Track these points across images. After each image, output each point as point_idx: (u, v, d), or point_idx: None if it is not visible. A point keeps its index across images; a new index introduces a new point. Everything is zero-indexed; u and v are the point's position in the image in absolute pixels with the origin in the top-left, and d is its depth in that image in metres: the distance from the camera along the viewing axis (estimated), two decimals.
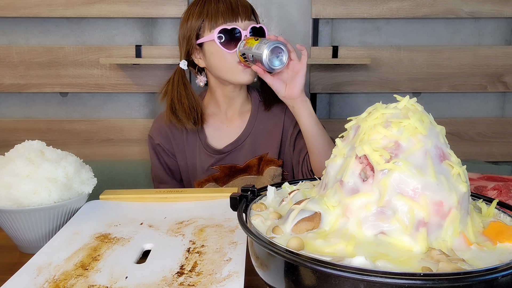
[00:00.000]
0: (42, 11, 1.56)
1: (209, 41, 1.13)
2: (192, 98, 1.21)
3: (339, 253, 0.47)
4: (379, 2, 1.57)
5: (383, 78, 1.62)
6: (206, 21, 1.13)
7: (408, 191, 0.49)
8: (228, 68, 1.13)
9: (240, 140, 1.24)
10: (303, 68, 1.05)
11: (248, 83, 1.17)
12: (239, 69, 1.12)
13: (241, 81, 1.14)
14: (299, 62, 1.06)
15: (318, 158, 1.10)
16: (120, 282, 0.61)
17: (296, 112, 1.10)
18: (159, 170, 1.29)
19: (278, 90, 1.09)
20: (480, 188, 0.95)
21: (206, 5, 1.13)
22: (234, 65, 1.12)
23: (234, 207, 0.60)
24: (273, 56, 1.02)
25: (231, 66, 1.12)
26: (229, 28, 1.10)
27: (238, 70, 1.12)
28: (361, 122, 0.55)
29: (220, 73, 1.16)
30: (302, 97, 1.07)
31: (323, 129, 1.11)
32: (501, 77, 1.63)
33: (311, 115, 1.08)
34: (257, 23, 1.16)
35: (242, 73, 1.12)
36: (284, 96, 1.09)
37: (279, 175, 1.23)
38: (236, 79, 1.14)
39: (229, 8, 1.11)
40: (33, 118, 1.66)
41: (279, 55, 1.03)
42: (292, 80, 1.07)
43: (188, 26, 1.16)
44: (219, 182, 1.24)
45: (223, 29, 1.10)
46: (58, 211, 0.80)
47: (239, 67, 1.12)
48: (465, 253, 0.48)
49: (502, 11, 1.58)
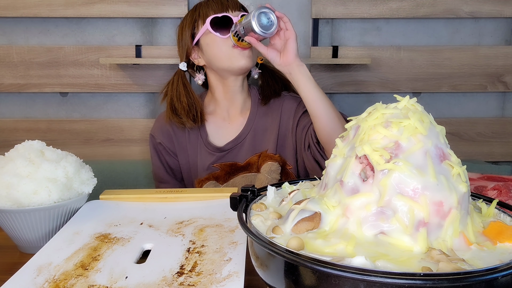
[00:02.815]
0: (42, 11, 1.55)
1: (204, 34, 1.18)
2: (191, 97, 1.23)
3: (339, 253, 0.47)
4: (379, 2, 1.57)
5: (383, 78, 1.62)
6: (199, 20, 1.19)
7: (408, 191, 0.49)
8: (225, 54, 1.16)
9: (241, 137, 1.25)
10: (292, 33, 1.08)
11: (247, 68, 1.18)
12: (236, 53, 1.15)
13: (240, 66, 1.16)
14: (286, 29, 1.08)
15: (322, 122, 1.07)
16: (120, 282, 0.61)
17: (294, 78, 1.09)
18: (160, 169, 1.29)
19: (273, 59, 1.10)
20: (480, 188, 0.95)
21: (198, 9, 1.21)
22: (230, 50, 1.15)
23: (234, 207, 0.60)
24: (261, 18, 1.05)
25: (227, 51, 1.15)
26: (220, 16, 1.15)
27: (234, 55, 1.15)
28: (361, 122, 0.55)
29: (218, 62, 1.18)
30: (297, 62, 1.08)
31: (324, 94, 1.10)
32: (501, 77, 1.63)
33: (309, 79, 1.08)
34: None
35: (239, 56, 1.15)
36: (280, 64, 1.10)
37: (276, 170, 1.23)
38: (234, 64, 1.16)
39: (219, 3, 1.18)
40: (33, 118, 1.66)
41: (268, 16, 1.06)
42: (285, 47, 1.09)
43: (184, 27, 1.22)
44: (220, 180, 1.25)
45: (214, 17, 1.15)
46: (58, 211, 0.80)
47: (235, 51, 1.15)
48: (465, 253, 0.48)
49: (502, 11, 1.58)
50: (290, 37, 1.08)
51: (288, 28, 1.08)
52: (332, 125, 1.06)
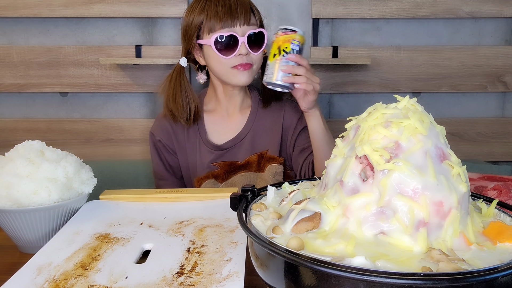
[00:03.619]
0: (42, 11, 1.55)
1: (207, 45, 1.16)
2: (187, 96, 1.23)
3: (339, 253, 0.47)
4: (379, 2, 1.57)
5: (383, 78, 1.62)
6: (205, 22, 1.14)
7: (408, 191, 0.49)
8: (225, 71, 1.16)
9: (240, 136, 1.26)
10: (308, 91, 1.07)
11: (246, 84, 1.19)
12: (235, 72, 1.15)
13: (238, 83, 1.17)
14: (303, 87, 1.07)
15: (321, 155, 1.13)
16: (120, 282, 0.61)
17: (307, 118, 1.15)
18: (159, 167, 1.30)
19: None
20: (480, 188, 0.95)
21: (207, 5, 1.14)
22: (230, 70, 1.15)
23: (234, 207, 0.60)
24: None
25: (227, 70, 1.16)
26: (226, 35, 1.11)
27: (234, 73, 1.16)
28: (361, 122, 0.55)
29: (217, 75, 1.20)
30: (312, 110, 1.12)
31: (331, 138, 1.14)
32: (501, 77, 1.63)
33: (319, 125, 1.13)
34: (257, 25, 1.17)
35: (239, 75, 1.15)
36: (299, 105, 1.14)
37: (281, 172, 1.26)
38: (232, 81, 1.17)
39: (228, 11, 1.12)
40: (33, 118, 1.66)
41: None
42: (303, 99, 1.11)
43: (189, 23, 1.17)
44: (219, 178, 1.26)
45: (220, 36, 1.12)
46: (58, 211, 0.80)
47: (235, 70, 1.15)
48: (465, 253, 0.48)
49: (502, 11, 1.58)
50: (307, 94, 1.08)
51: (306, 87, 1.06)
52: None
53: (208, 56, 1.18)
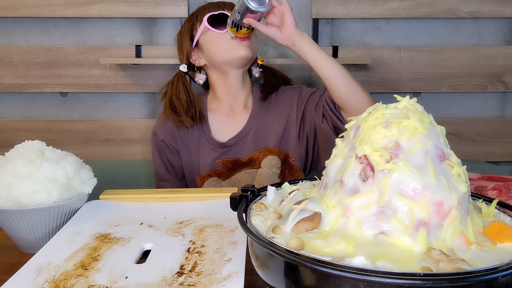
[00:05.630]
0: (42, 11, 1.56)
1: (202, 33, 1.20)
2: (191, 95, 1.26)
3: (339, 253, 0.47)
4: (379, 2, 1.57)
5: (383, 78, 1.62)
6: (196, 22, 1.23)
7: (408, 191, 0.49)
8: (224, 47, 1.18)
9: (243, 133, 1.26)
10: (286, 6, 1.08)
11: (247, 57, 1.19)
12: (235, 44, 1.17)
13: (240, 55, 1.18)
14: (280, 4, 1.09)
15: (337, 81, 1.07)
16: (120, 282, 0.61)
17: (298, 47, 1.09)
18: (160, 167, 1.30)
19: (275, 35, 1.10)
20: (480, 188, 0.95)
21: (195, 14, 1.25)
22: (229, 43, 1.17)
23: (234, 207, 0.60)
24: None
25: (226, 44, 1.18)
26: (216, 13, 1.18)
27: (234, 46, 1.17)
28: (361, 122, 0.55)
29: (219, 57, 1.20)
30: (298, 31, 1.08)
31: (331, 56, 1.10)
32: (501, 77, 1.63)
33: (313, 44, 1.09)
34: None
35: (239, 47, 1.17)
36: (282, 38, 1.10)
37: (276, 164, 1.23)
38: (234, 55, 1.18)
39: (215, 5, 1.22)
40: (33, 118, 1.66)
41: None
42: (283, 21, 1.09)
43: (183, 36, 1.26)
44: (222, 176, 1.26)
45: (211, 15, 1.19)
46: (58, 211, 0.80)
47: (234, 42, 1.17)
48: (465, 253, 0.48)
49: (502, 11, 1.58)
50: (285, 11, 1.08)
51: (282, 2, 1.09)
52: (346, 82, 1.07)
53: (205, 43, 1.21)
